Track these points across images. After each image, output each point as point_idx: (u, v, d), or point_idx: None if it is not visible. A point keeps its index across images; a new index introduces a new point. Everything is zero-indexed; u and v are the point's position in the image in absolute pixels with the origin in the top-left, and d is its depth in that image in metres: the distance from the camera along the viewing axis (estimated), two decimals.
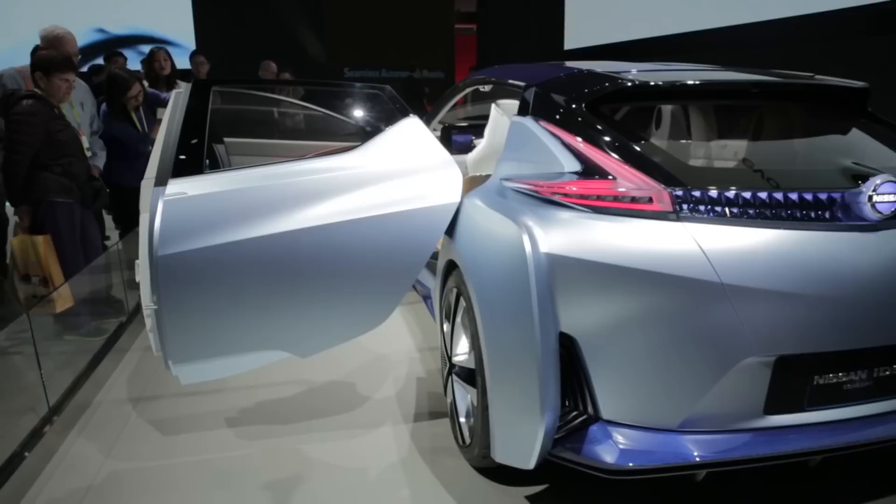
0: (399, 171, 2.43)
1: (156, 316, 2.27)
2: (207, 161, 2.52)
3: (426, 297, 3.33)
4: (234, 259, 2.27)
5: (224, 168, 3.29)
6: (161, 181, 2.30)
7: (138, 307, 3.52)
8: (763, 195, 1.90)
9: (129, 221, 4.45)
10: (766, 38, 6.85)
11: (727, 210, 1.90)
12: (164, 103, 4.83)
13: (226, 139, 3.71)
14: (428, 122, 3.91)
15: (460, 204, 2.41)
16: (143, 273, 2.35)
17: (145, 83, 5.23)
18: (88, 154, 4.01)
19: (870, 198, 1.90)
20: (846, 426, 2.01)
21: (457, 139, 4.05)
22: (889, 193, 1.91)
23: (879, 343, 1.97)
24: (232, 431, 2.70)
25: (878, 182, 1.90)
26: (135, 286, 2.59)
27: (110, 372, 3.30)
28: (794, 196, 1.91)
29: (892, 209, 1.92)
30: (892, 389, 2.04)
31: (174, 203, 2.25)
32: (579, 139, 2.13)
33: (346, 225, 2.32)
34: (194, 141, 2.47)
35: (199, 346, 2.37)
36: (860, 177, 1.95)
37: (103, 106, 4.54)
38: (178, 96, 2.72)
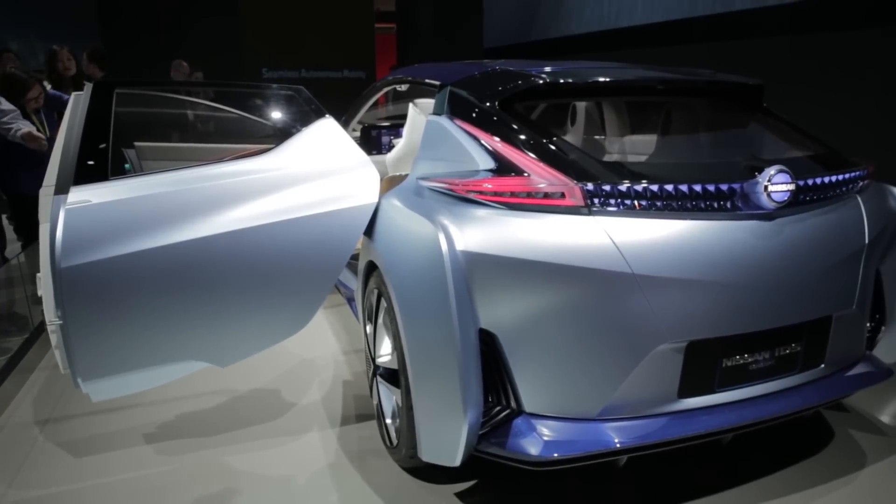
0: (315, 173, 2.39)
1: (61, 331, 2.16)
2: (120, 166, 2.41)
3: (350, 300, 3.29)
4: (145, 268, 2.18)
5: (132, 174, 3.15)
6: (62, 189, 2.19)
7: (44, 323, 3.33)
8: (669, 188, 1.98)
9: (31, 232, 4.20)
10: (674, 36, 7.15)
11: (636, 203, 1.97)
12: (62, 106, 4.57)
13: (136, 143, 3.55)
14: (346, 122, 3.88)
15: (378, 204, 2.40)
16: (45, 286, 2.23)
17: (47, 84, 4.92)
18: None
19: (765, 188, 2.01)
20: (753, 404, 2.12)
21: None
22: (782, 183, 2.02)
23: (779, 324, 2.09)
24: (151, 448, 2.59)
25: (773, 173, 2.02)
26: (39, 300, 2.45)
27: (14, 393, 3.10)
28: (697, 188, 2.00)
29: (785, 198, 2.04)
30: (792, 367, 2.18)
31: (77, 212, 2.15)
32: (493, 137, 2.16)
33: (261, 229, 2.26)
34: (97, 146, 2.35)
35: (109, 361, 2.26)
36: (757, 168, 2.06)
37: None
38: (78, 99, 2.59)
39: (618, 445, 1.96)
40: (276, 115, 3.16)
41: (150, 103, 3.93)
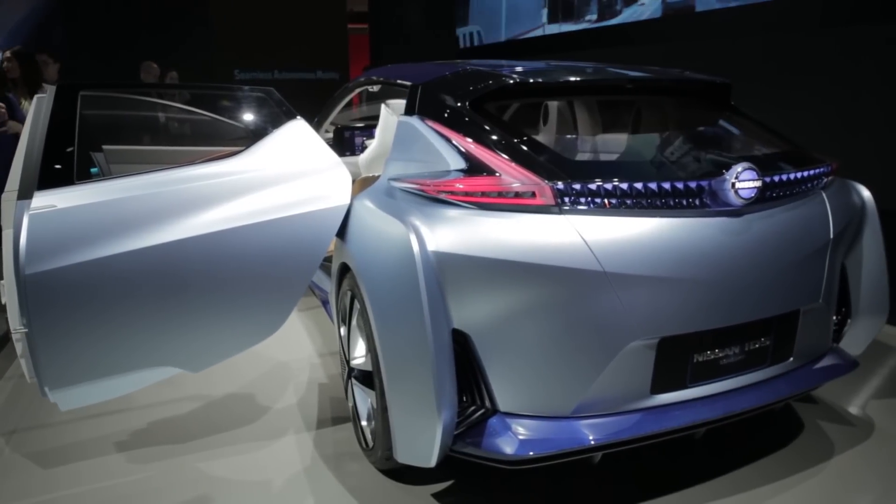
0: (286, 175, 2.38)
1: (26, 339, 2.12)
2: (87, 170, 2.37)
3: (325, 302, 3.28)
4: (113, 274, 2.15)
5: (100, 177, 3.10)
6: (25, 194, 2.15)
7: (9, 331, 3.25)
8: (639, 186, 2.00)
9: None
10: (643, 36, 7.24)
11: (606, 201, 1.98)
12: (14, 110, 4.46)
13: (105, 147, 3.49)
14: (319, 123, 3.85)
15: (351, 206, 2.39)
16: (9, 294, 2.18)
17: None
18: None
19: (733, 185, 2.04)
20: (725, 398, 2.15)
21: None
22: (749, 180, 2.05)
23: (748, 319, 2.12)
24: (124, 456, 2.55)
25: (740, 170, 2.04)
26: (3, 309, 2.40)
27: None
28: (667, 185, 2.02)
29: (753, 194, 2.07)
30: (762, 361, 2.21)
31: (41, 217, 2.11)
32: (464, 137, 2.16)
33: (232, 232, 2.24)
34: (62, 149, 2.31)
35: (77, 369, 2.22)
36: (724, 165, 2.09)
37: None
38: (41, 101, 2.53)
39: (592, 442, 1.97)
40: (247, 117, 3.13)
41: (119, 106, 3.87)
